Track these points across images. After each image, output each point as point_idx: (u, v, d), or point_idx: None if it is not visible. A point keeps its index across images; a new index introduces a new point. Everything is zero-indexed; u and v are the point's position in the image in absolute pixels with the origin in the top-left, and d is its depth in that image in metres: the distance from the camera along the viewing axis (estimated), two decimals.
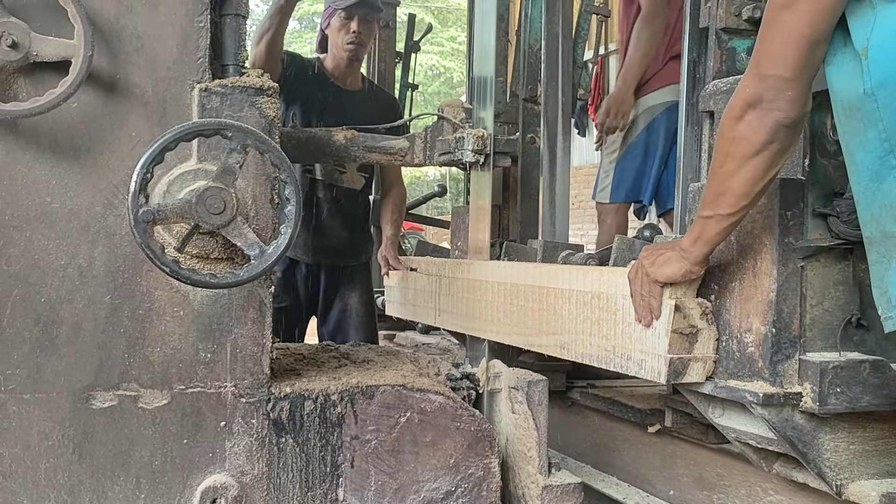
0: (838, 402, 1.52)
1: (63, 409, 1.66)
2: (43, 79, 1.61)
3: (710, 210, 1.49)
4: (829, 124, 1.59)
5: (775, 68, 1.32)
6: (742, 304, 1.62)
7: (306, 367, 2.04)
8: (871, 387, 1.53)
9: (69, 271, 1.66)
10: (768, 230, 1.58)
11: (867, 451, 1.61)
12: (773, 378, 1.55)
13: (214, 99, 1.72)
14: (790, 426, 1.58)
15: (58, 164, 1.65)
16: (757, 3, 1.76)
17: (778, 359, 1.56)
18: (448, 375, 2.14)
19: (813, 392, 1.53)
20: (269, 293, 1.78)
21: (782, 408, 1.56)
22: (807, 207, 1.58)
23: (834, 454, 1.60)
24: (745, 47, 1.79)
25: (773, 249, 1.56)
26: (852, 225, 1.52)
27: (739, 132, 1.38)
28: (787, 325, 1.56)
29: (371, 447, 1.84)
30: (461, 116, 2.46)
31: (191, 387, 1.73)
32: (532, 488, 1.96)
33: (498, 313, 2.27)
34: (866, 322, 1.59)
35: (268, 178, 1.75)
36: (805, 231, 1.58)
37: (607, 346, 1.83)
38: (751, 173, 1.40)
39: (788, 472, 1.73)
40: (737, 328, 1.63)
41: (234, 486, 1.74)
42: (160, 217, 1.57)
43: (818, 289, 1.59)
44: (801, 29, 1.29)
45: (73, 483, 1.67)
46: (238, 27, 1.84)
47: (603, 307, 1.84)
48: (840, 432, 1.60)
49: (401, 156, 2.55)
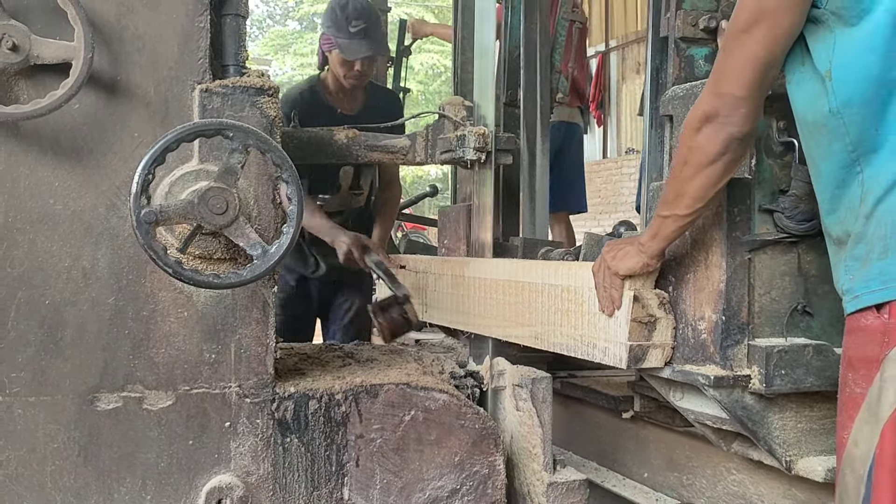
0: (783, 384, 1.64)
1: (68, 411, 1.66)
2: (44, 81, 1.61)
3: (667, 210, 1.62)
4: (774, 127, 1.71)
5: (731, 87, 1.44)
6: (695, 295, 1.75)
7: (310, 367, 2.04)
8: (814, 369, 1.64)
9: (73, 273, 1.66)
10: (717, 226, 1.70)
11: (814, 430, 1.71)
12: (723, 362, 1.67)
13: (215, 99, 1.72)
14: (740, 406, 1.69)
15: (60, 165, 1.65)
16: (712, 14, 1.89)
17: (728, 344, 1.67)
18: (452, 373, 2.14)
19: (760, 374, 1.64)
20: (273, 293, 1.78)
21: (732, 389, 1.67)
22: (754, 204, 1.70)
23: (782, 432, 1.71)
24: (702, 55, 1.92)
25: (722, 243, 1.68)
26: (795, 220, 1.67)
27: (697, 143, 1.51)
28: (736, 313, 1.68)
29: (376, 446, 1.84)
30: (462, 114, 2.46)
31: (195, 387, 1.73)
32: (537, 485, 1.96)
33: (479, 307, 2.38)
34: (811, 310, 1.71)
35: (270, 177, 1.75)
36: (752, 226, 1.70)
37: (575, 336, 1.95)
38: (705, 180, 1.53)
39: (745, 450, 1.83)
40: (691, 317, 1.75)
41: (239, 487, 1.75)
42: (162, 218, 1.57)
43: (766, 279, 1.70)
44: (756, 52, 1.40)
45: (79, 485, 1.67)
46: (238, 27, 1.84)
47: (571, 299, 1.96)
48: (788, 412, 1.70)
49: (402, 154, 2.55)
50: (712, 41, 1.91)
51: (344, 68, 3.18)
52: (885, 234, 1.29)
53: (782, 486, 1.85)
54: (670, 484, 2.21)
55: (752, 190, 1.69)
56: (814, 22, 1.37)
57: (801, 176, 1.68)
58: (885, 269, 1.28)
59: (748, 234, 1.69)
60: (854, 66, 1.32)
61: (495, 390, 2.18)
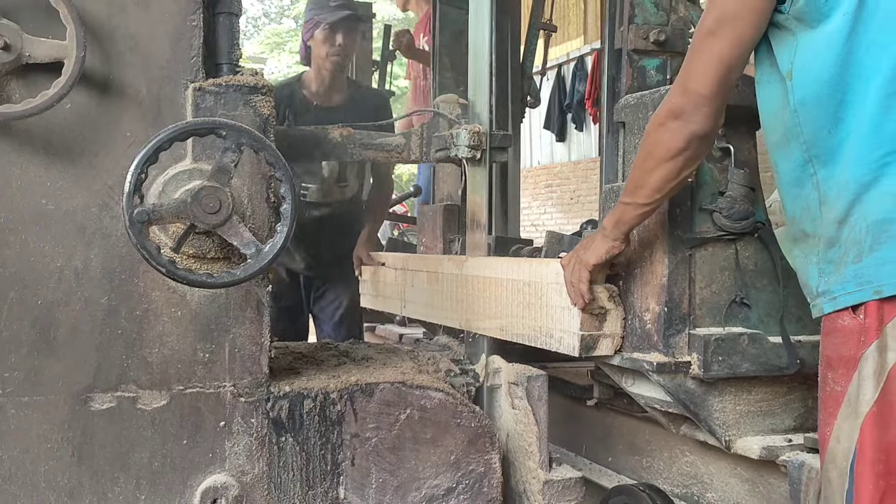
0: (720, 369, 1.78)
1: (62, 411, 1.66)
2: (36, 80, 1.61)
3: (629, 198, 1.71)
4: None
5: (696, 86, 1.50)
6: (642, 288, 1.89)
7: (305, 366, 2.04)
8: (749, 356, 1.79)
9: (65, 273, 1.65)
10: (660, 225, 1.84)
11: (752, 412, 1.85)
12: (666, 350, 1.81)
13: (208, 98, 1.71)
14: (682, 390, 1.83)
15: (52, 165, 1.65)
16: (662, 28, 2.05)
17: (670, 333, 1.82)
18: (447, 372, 2.14)
19: (699, 360, 1.79)
20: (267, 292, 1.78)
21: (675, 375, 1.81)
22: (695, 205, 1.84)
23: (722, 414, 1.85)
24: (653, 66, 2.08)
25: (665, 241, 1.82)
26: (732, 219, 1.82)
27: (661, 137, 1.58)
28: (678, 304, 1.82)
29: (371, 445, 1.84)
30: (457, 112, 2.46)
31: (190, 387, 1.73)
32: (533, 483, 1.96)
33: (451, 301, 2.52)
34: (749, 302, 1.85)
35: (263, 176, 1.74)
36: (693, 225, 1.84)
37: (535, 327, 2.08)
38: (665, 173, 1.61)
39: (693, 432, 1.97)
40: (638, 308, 1.90)
41: (234, 486, 1.74)
42: (155, 217, 1.56)
43: (706, 274, 1.84)
44: (722, 53, 1.46)
45: (72, 485, 1.66)
46: (231, 26, 1.83)
47: (532, 293, 2.09)
48: (727, 395, 1.85)
49: (397, 152, 2.55)
50: (663, 53, 2.07)
51: (326, 45, 3.28)
52: (858, 239, 1.34)
53: (729, 465, 1.96)
54: (632, 467, 2.32)
55: (692, 191, 1.83)
56: (777, 26, 1.44)
57: (736, 179, 1.83)
58: (860, 272, 1.33)
59: (689, 232, 1.82)
60: (812, 67, 1.38)
61: (491, 388, 2.18)
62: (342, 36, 3.30)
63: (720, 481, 1.99)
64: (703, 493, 2.03)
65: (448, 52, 3.11)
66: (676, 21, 2.10)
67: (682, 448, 2.11)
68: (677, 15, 2.10)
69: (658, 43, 2.07)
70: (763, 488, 1.86)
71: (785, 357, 1.81)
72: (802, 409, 1.89)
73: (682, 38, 2.10)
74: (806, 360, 1.81)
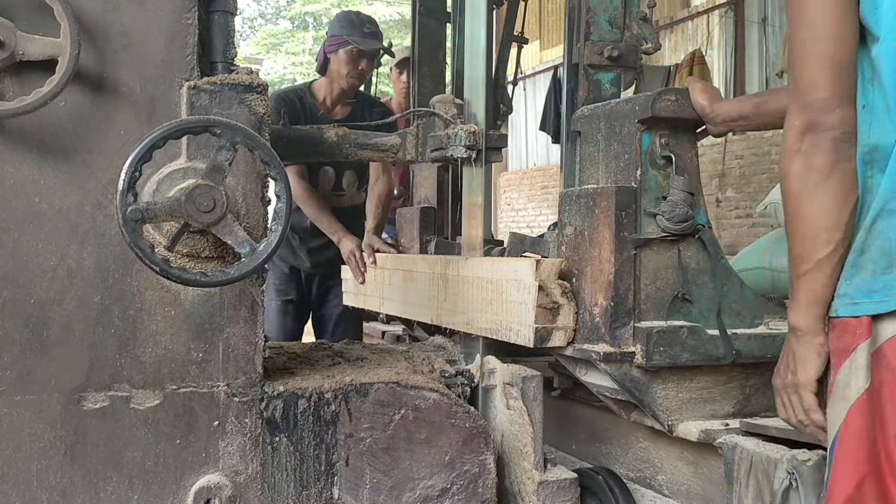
0: (661, 359, 1.91)
1: (54, 410, 1.65)
2: (30, 78, 1.60)
3: (807, 263, 1.39)
4: (657, 144, 1.99)
5: (816, 93, 1.35)
6: (592, 285, 2.03)
7: (300, 366, 2.03)
8: (688, 347, 1.93)
9: (58, 272, 1.65)
10: (607, 226, 1.98)
11: (693, 399, 1.99)
12: (612, 341, 1.95)
13: (203, 96, 1.70)
14: (628, 378, 1.97)
15: (45, 163, 1.64)
16: (615, 45, 2.23)
17: (616, 326, 1.95)
18: (442, 372, 2.14)
19: (642, 351, 1.92)
20: (261, 291, 1.77)
21: (620, 364, 1.95)
22: (640, 209, 1.98)
23: (665, 400, 1.98)
24: (608, 79, 2.27)
25: (611, 241, 1.96)
26: (673, 221, 1.95)
27: (803, 163, 1.36)
28: (624, 299, 1.96)
29: (366, 445, 1.83)
30: (453, 112, 2.45)
31: (183, 386, 1.72)
32: (528, 484, 1.96)
33: (424, 298, 2.67)
34: (690, 297, 2.00)
35: (258, 175, 1.74)
36: (639, 227, 1.98)
37: (497, 321, 2.21)
38: (830, 198, 1.35)
39: (642, 419, 2.09)
40: (588, 303, 2.04)
41: (228, 486, 1.73)
42: (149, 215, 1.56)
43: (651, 271, 1.97)
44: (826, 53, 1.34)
45: (65, 484, 1.65)
46: (226, 24, 1.83)
47: (494, 290, 2.22)
48: (669, 383, 1.97)
49: (393, 152, 2.54)
50: (616, 67, 2.26)
51: (349, 66, 3.43)
52: (890, 250, 1.27)
53: (676, 449, 2.09)
54: (592, 454, 2.45)
55: (637, 197, 1.98)
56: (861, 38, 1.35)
57: (677, 185, 1.96)
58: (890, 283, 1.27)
59: (633, 233, 1.96)
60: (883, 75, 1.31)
61: (486, 389, 2.17)
62: (366, 62, 3.46)
63: (669, 465, 2.12)
64: (654, 475, 2.17)
65: (427, 62, 3.31)
66: (629, 38, 2.27)
67: (637, 435, 2.24)
68: (630, 32, 2.27)
69: (612, 58, 2.24)
70: (705, 469, 1.98)
71: (722, 348, 1.94)
72: (741, 397, 2.02)
73: (635, 54, 2.28)
74: (742, 350, 1.95)
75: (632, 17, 2.29)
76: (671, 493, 2.10)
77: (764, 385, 1.99)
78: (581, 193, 2.10)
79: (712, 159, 10.33)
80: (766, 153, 9.51)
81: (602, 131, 2.12)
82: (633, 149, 2.00)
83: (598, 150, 2.14)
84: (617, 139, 2.06)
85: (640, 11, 2.30)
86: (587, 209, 2.06)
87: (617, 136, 2.06)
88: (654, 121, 1.96)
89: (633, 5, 2.29)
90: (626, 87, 2.30)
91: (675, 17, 11.25)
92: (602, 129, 2.12)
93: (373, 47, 3.41)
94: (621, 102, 2.10)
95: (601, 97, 2.23)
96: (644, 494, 2.10)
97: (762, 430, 1.78)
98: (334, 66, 3.45)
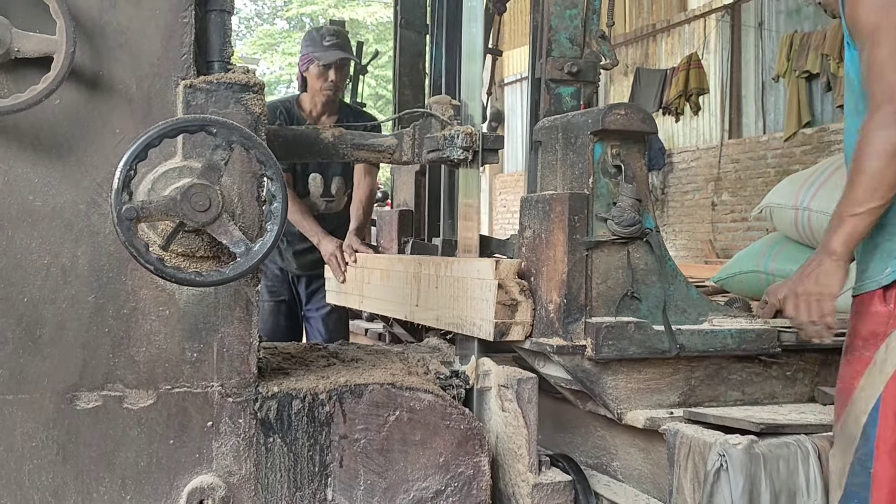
0: (610, 352, 2.05)
1: (47, 409, 1.64)
2: (25, 75, 1.59)
3: (862, 207, 1.69)
4: (609, 153, 2.14)
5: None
6: (547, 283, 2.16)
7: (294, 367, 2.02)
8: (635, 341, 2.06)
9: (52, 270, 1.64)
10: (562, 230, 2.11)
11: (641, 389, 2.13)
12: (565, 335, 2.09)
13: (199, 95, 1.70)
14: (580, 370, 2.10)
15: (40, 161, 1.63)
16: (575, 61, 2.40)
17: (569, 321, 2.09)
18: (437, 374, 2.13)
19: (592, 344, 2.05)
20: (256, 291, 1.77)
21: (573, 356, 2.08)
22: (591, 213, 2.12)
23: (615, 391, 2.12)
24: (568, 93, 2.43)
25: (565, 243, 2.10)
26: (622, 225, 2.09)
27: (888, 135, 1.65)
28: (576, 297, 2.10)
29: (360, 446, 1.83)
30: (449, 113, 2.45)
31: (177, 387, 1.71)
32: (522, 486, 1.95)
33: (399, 296, 2.81)
34: (639, 296, 2.14)
35: (254, 175, 1.73)
36: (591, 230, 2.12)
37: (462, 316, 2.34)
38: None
39: (596, 408, 2.23)
40: (545, 300, 2.17)
41: (221, 487, 1.73)
42: (144, 214, 1.55)
43: (602, 271, 2.12)
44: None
45: (57, 484, 1.64)
46: (223, 23, 1.82)
47: (460, 287, 2.35)
48: (619, 374, 2.11)
49: (389, 153, 2.54)
50: (576, 82, 2.42)
51: (321, 80, 3.58)
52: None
53: (629, 437, 2.23)
54: (557, 443, 2.56)
55: (590, 202, 2.13)
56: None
57: (626, 192, 2.11)
58: None
59: (586, 236, 2.11)
60: None
61: (481, 391, 2.17)
62: (334, 73, 3.58)
63: (623, 451, 2.27)
64: (609, 462, 2.32)
65: (408, 73, 3.52)
66: (589, 55, 2.43)
67: (595, 425, 2.38)
68: (590, 49, 2.43)
69: (572, 73, 2.39)
70: (654, 455, 2.13)
71: (667, 342, 2.08)
72: (686, 388, 2.17)
73: (594, 70, 2.44)
74: (686, 345, 2.09)
75: (591, 34, 2.44)
76: (624, 478, 2.25)
77: (708, 377, 2.18)
78: (539, 199, 2.24)
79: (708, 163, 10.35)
80: (762, 157, 9.53)
81: (560, 141, 2.28)
82: (587, 158, 2.15)
83: (556, 159, 2.29)
84: (572, 149, 2.22)
85: (598, 30, 2.46)
86: (544, 213, 2.20)
87: (573, 146, 2.22)
88: (605, 133, 2.12)
89: (592, 24, 2.44)
90: (585, 101, 2.46)
91: (672, 21, 11.27)
92: (560, 139, 2.28)
93: (333, 58, 3.55)
94: (577, 115, 2.26)
95: (562, 109, 2.39)
96: (600, 480, 2.24)
97: (702, 418, 1.96)
98: (310, 83, 3.65)
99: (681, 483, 1.88)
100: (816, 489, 1.81)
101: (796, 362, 2.25)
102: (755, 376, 2.22)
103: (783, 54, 9.18)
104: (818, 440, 1.85)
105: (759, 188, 9.14)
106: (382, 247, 3.31)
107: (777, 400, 2.23)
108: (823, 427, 1.92)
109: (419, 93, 3.51)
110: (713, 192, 10.22)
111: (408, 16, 3.54)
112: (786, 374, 2.25)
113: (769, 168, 9.37)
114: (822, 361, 2.27)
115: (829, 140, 8.58)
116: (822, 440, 1.85)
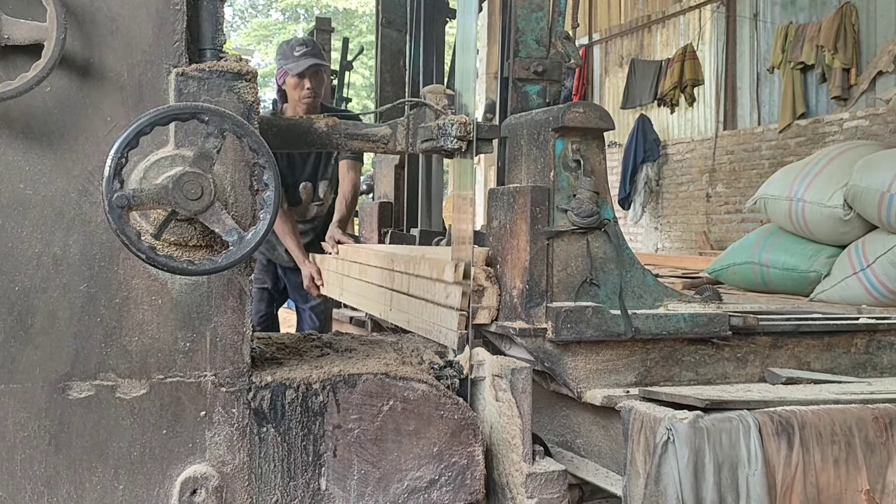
0: (569, 334, 2.17)
1: (39, 399, 1.63)
2: (15, 62, 1.58)
3: None
4: (570, 149, 2.25)
5: None
6: (511, 270, 2.29)
7: (288, 356, 2.02)
8: (593, 324, 2.19)
9: (43, 259, 1.63)
10: (524, 220, 2.23)
11: (599, 370, 2.26)
12: (527, 319, 2.21)
13: (191, 83, 1.69)
14: (542, 351, 2.23)
15: (31, 149, 1.62)
16: (541, 61, 2.52)
17: (531, 306, 2.21)
18: (431, 364, 2.13)
19: (552, 327, 2.18)
20: (249, 281, 1.76)
21: (534, 338, 2.21)
22: (553, 205, 2.25)
23: (574, 371, 2.24)
24: (535, 91, 2.55)
25: (527, 233, 2.22)
26: (580, 216, 2.22)
27: None
28: (537, 283, 2.22)
29: (354, 436, 1.83)
30: (443, 103, 2.43)
31: (170, 376, 1.71)
32: (516, 476, 1.95)
33: (375, 294, 2.94)
34: (598, 282, 2.27)
35: (246, 163, 1.72)
36: (552, 221, 2.24)
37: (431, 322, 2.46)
38: None
39: (559, 388, 2.36)
40: (509, 286, 2.30)
41: (214, 477, 1.72)
42: (135, 202, 1.54)
43: (563, 259, 2.24)
44: None
45: (49, 474, 1.64)
46: (216, 11, 1.81)
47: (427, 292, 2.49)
48: (578, 356, 2.24)
49: (383, 143, 2.53)
50: (542, 81, 2.54)
51: (298, 89, 3.72)
52: None
53: (591, 415, 2.37)
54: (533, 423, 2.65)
55: (551, 195, 2.25)
56: None
57: (584, 185, 2.24)
58: None
59: (547, 226, 2.22)
60: None
61: (475, 381, 2.16)
62: (309, 80, 3.71)
63: (585, 429, 2.42)
64: (574, 439, 2.47)
65: (389, 70, 3.70)
66: (554, 55, 2.54)
67: (561, 405, 2.51)
68: (555, 49, 2.54)
69: (538, 73, 2.52)
70: (612, 431, 2.26)
71: (623, 325, 2.20)
72: (642, 368, 2.29)
73: (559, 69, 2.56)
74: (641, 328, 2.21)
75: (556, 36, 2.55)
76: (587, 454, 2.40)
77: (663, 358, 2.31)
78: (504, 191, 2.37)
79: (702, 155, 10.35)
80: (757, 149, 9.53)
81: (525, 137, 2.40)
82: (549, 153, 2.27)
83: (521, 154, 2.42)
84: (536, 144, 2.33)
85: (563, 31, 2.57)
86: (509, 205, 2.32)
87: (536, 141, 2.33)
88: (565, 129, 2.23)
89: (558, 26, 2.55)
90: (552, 99, 2.57)
91: (667, 12, 11.25)
92: (525, 135, 2.40)
93: (303, 67, 3.66)
94: (540, 113, 2.38)
95: (528, 107, 2.52)
96: (564, 456, 2.38)
97: (655, 396, 2.08)
98: (289, 94, 3.78)
99: (634, 456, 1.99)
100: (757, 460, 1.90)
101: (747, 345, 2.37)
102: (708, 358, 2.34)
103: (778, 46, 9.18)
104: (760, 415, 1.95)
105: (754, 180, 9.14)
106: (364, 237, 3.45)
107: (729, 380, 2.35)
108: (765, 403, 2.02)
109: (399, 89, 3.67)
110: (708, 184, 10.22)
111: (388, 15, 3.69)
112: (737, 356, 2.37)
113: (764, 159, 9.38)
114: (771, 344, 2.39)
115: (824, 132, 8.58)
116: (763, 415, 1.95)
